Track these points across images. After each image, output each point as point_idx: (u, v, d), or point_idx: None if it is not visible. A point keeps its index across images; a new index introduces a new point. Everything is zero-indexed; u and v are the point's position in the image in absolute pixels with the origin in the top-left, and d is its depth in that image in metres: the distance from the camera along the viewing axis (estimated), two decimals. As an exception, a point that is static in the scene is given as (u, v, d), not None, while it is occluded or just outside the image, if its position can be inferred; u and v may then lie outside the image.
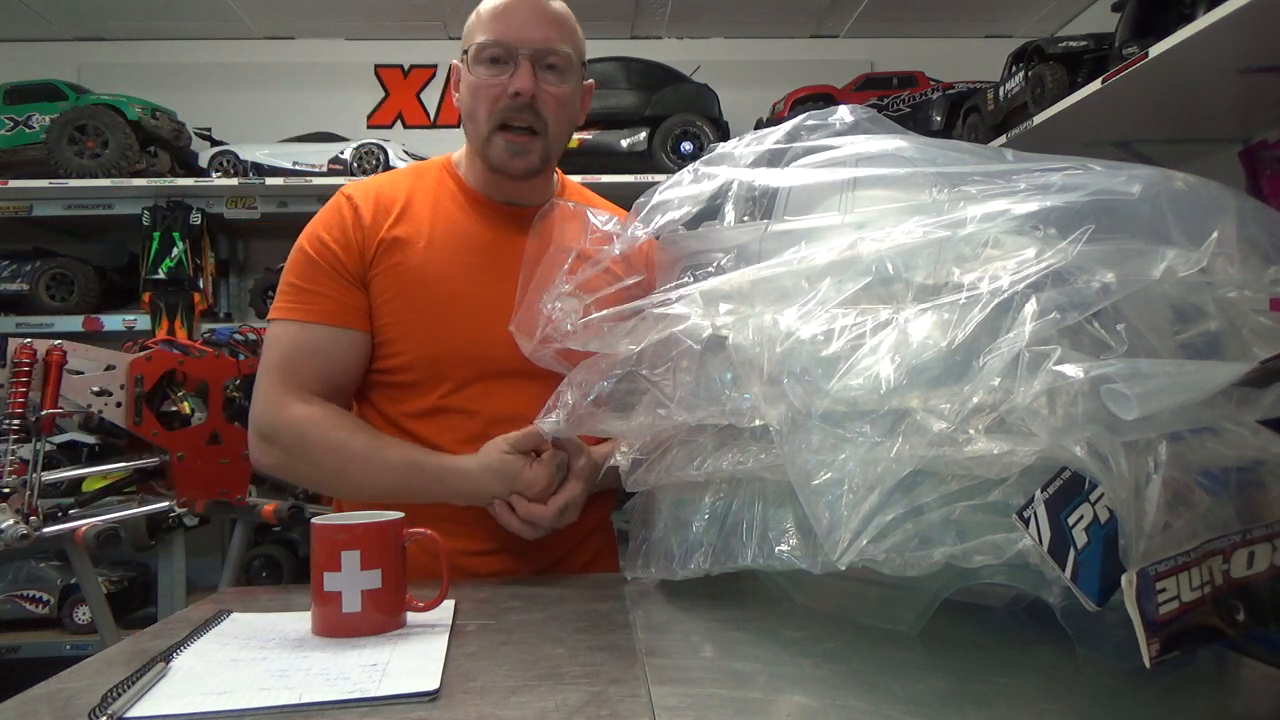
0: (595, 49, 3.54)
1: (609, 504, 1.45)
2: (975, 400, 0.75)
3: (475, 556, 1.27)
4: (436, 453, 1.26)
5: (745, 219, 1.11)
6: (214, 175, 3.41)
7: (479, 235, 1.35)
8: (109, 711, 0.71)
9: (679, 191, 1.13)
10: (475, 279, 1.31)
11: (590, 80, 1.39)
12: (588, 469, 1.26)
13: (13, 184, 3.25)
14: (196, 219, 3.35)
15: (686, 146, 3.45)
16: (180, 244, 3.32)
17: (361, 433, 1.27)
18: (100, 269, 3.48)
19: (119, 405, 2.23)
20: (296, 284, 1.30)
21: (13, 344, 2.03)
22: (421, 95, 3.98)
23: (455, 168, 1.41)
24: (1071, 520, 0.71)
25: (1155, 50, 1.97)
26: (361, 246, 1.30)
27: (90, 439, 2.85)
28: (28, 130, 3.33)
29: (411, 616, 0.98)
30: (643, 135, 3.47)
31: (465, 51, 1.31)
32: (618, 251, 1.18)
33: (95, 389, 2.19)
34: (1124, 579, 0.67)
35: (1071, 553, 0.70)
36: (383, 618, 0.95)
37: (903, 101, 3.40)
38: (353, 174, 3.34)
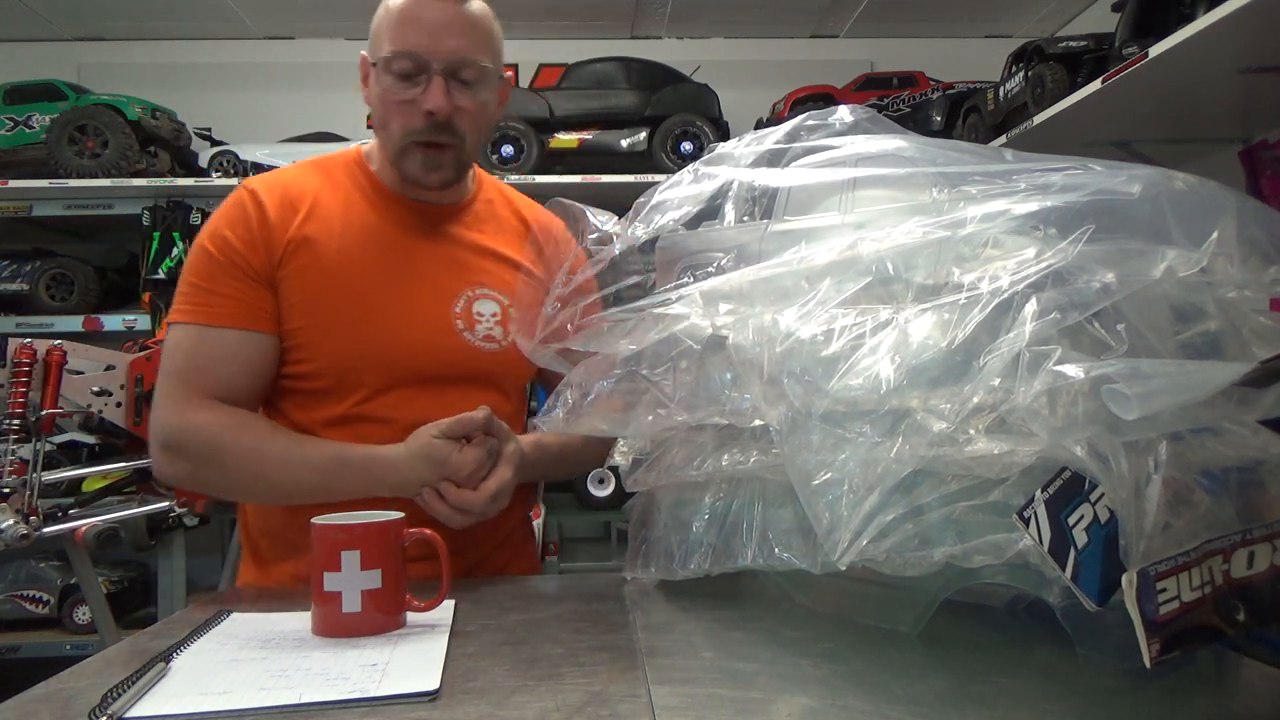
0: (595, 49, 3.62)
1: (527, 500, 1.41)
2: (975, 400, 0.75)
3: None
4: (359, 445, 1.20)
5: (745, 219, 1.11)
6: (214, 175, 3.40)
7: (392, 235, 1.29)
8: (109, 711, 0.71)
9: (679, 191, 1.12)
10: (389, 281, 1.26)
11: (509, 75, 1.33)
12: (517, 455, 1.22)
13: (13, 184, 3.24)
14: (196, 219, 3.35)
15: (686, 146, 3.44)
16: (180, 244, 3.31)
17: (278, 433, 1.22)
18: (100, 269, 3.47)
19: (119, 405, 2.23)
20: (197, 284, 1.22)
21: (13, 344, 2.03)
22: (421, 95, 3.98)
23: (367, 161, 1.34)
24: (1072, 520, 0.71)
25: (1155, 50, 1.96)
26: (268, 245, 1.23)
27: (90, 439, 2.84)
28: (28, 130, 3.32)
29: (411, 616, 0.98)
30: (643, 135, 3.47)
31: (374, 63, 1.24)
32: (617, 251, 1.18)
33: (95, 389, 2.19)
34: (1124, 579, 0.67)
35: (1072, 553, 0.70)
36: (383, 618, 0.95)
37: (903, 101, 3.39)
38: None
